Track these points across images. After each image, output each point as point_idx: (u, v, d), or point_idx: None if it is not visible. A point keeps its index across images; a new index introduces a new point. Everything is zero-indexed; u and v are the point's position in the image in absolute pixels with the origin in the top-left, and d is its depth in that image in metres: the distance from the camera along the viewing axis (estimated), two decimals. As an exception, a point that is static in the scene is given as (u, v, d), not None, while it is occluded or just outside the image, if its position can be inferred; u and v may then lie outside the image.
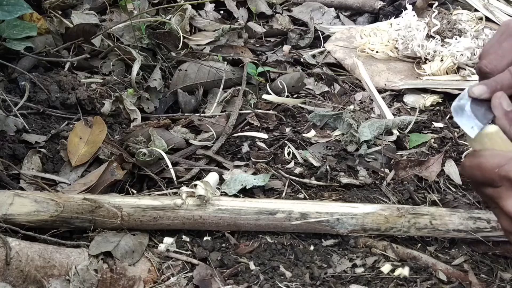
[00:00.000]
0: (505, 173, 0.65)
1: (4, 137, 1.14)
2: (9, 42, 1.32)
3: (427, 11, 1.92)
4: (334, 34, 1.88)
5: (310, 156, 1.21)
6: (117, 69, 1.50)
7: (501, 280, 0.92)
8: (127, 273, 0.89)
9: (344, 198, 1.09)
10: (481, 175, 0.68)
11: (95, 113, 1.30)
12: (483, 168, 0.67)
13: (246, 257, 0.95)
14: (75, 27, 1.49)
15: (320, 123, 1.35)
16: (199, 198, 0.96)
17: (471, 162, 0.69)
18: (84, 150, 1.13)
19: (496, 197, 0.67)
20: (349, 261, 0.95)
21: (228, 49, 1.71)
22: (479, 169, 0.68)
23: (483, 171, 0.67)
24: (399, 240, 0.99)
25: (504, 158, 0.66)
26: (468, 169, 0.70)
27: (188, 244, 0.97)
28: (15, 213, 0.92)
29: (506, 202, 0.66)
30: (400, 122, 1.33)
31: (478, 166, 0.68)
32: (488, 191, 0.68)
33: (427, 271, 0.92)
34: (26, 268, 0.85)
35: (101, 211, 0.94)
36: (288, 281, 0.90)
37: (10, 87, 1.31)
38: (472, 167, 0.69)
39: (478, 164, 0.68)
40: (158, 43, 1.54)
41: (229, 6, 1.98)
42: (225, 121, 1.31)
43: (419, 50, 1.62)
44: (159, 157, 1.15)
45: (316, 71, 1.65)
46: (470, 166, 0.69)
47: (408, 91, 1.53)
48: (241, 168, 1.17)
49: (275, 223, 0.97)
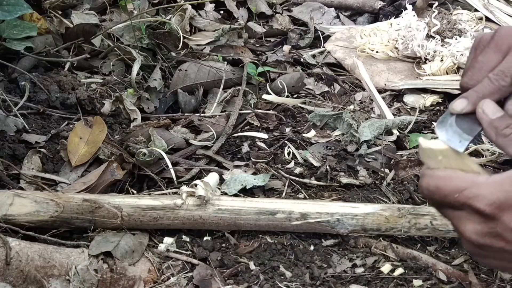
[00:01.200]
0: (465, 200, 0.61)
1: (4, 137, 1.14)
2: (9, 42, 1.32)
3: (427, 11, 1.92)
4: (334, 34, 1.88)
5: (310, 156, 1.21)
6: (117, 69, 1.50)
7: (501, 280, 0.92)
8: (127, 273, 0.89)
9: (344, 198, 1.09)
10: (440, 199, 0.64)
11: (95, 113, 1.30)
12: (441, 193, 0.63)
13: (246, 257, 0.95)
14: (75, 27, 1.49)
15: (320, 123, 1.35)
16: (199, 198, 0.96)
17: (428, 185, 0.65)
18: (84, 150, 1.13)
19: (456, 221, 0.64)
20: (349, 261, 0.95)
21: (228, 49, 1.71)
22: (437, 193, 0.64)
23: (441, 196, 0.63)
24: (399, 240, 0.99)
25: (464, 181, 0.62)
26: (426, 191, 0.65)
27: (188, 244, 0.97)
28: (15, 214, 0.92)
29: (466, 227, 0.63)
30: (400, 122, 1.33)
31: (436, 190, 0.64)
32: (448, 213, 0.65)
33: (427, 271, 0.92)
34: (26, 268, 0.85)
35: (101, 211, 0.94)
36: (288, 281, 0.90)
37: (10, 87, 1.31)
38: (430, 190, 0.65)
39: (437, 186, 0.64)
40: (158, 43, 1.54)
41: (229, 6, 1.98)
42: (225, 121, 1.31)
43: (419, 50, 1.62)
44: (159, 157, 1.15)
45: (316, 71, 1.65)
46: (428, 189, 0.65)
47: (408, 91, 1.53)
48: (241, 168, 1.17)
49: (275, 223, 0.97)
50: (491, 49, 0.72)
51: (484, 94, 0.69)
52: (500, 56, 0.71)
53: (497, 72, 0.69)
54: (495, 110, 0.67)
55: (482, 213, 0.61)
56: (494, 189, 0.61)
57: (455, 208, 0.64)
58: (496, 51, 0.71)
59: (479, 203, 0.60)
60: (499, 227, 0.61)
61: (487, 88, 0.69)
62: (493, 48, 0.72)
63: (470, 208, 0.62)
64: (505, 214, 0.60)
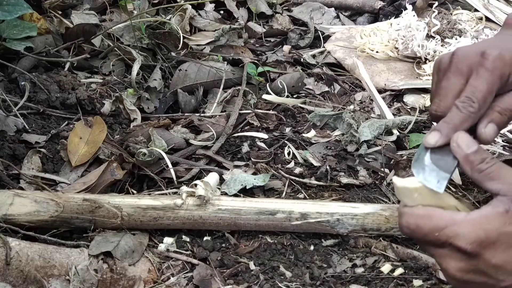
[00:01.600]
0: (446, 238, 0.62)
1: (4, 137, 1.14)
2: (9, 42, 1.32)
3: (427, 11, 1.92)
4: (334, 34, 1.88)
5: (310, 156, 1.21)
6: (117, 69, 1.50)
7: (501, 280, 0.91)
8: (127, 273, 0.89)
9: (344, 198, 1.09)
10: (421, 238, 0.64)
11: (95, 113, 1.30)
12: (422, 231, 0.64)
13: (246, 257, 0.95)
14: (75, 27, 1.49)
15: (320, 123, 1.35)
16: (199, 198, 0.96)
17: (408, 223, 0.65)
18: (84, 150, 1.13)
19: (439, 258, 0.65)
20: (349, 261, 0.95)
21: (228, 49, 1.71)
22: (418, 231, 0.64)
23: (421, 234, 0.64)
24: (399, 240, 0.99)
25: (443, 220, 0.63)
26: (407, 230, 0.66)
27: (188, 244, 0.97)
28: (15, 213, 0.92)
29: (449, 265, 0.63)
30: (400, 122, 1.33)
31: (417, 228, 0.64)
32: (430, 250, 0.66)
33: (427, 271, 0.92)
34: (26, 268, 0.85)
35: (101, 211, 0.94)
36: (288, 281, 0.90)
37: (10, 87, 1.31)
38: (410, 228, 0.65)
39: (416, 225, 0.64)
40: (158, 43, 1.54)
41: (229, 6, 1.98)
42: (225, 121, 1.31)
43: (419, 50, 1.62)
44: (159, 157, 1.15)
45: (316, 71, 1.65)
46: (408, 227, 0.65)
47: (408, 91, 1.53)
48: (241, 168, 1.17)
49: (275, 223, 0.97)
50: (452, 73, 0.71)
51: (456, 124, 0.68)
52: (462, 79, 0.70)
53: (463, 99, 0.68)
54: (470, 144, 0.66)
55: (464, 251, 0.61)
56: (474, 227, 0.61)
57: (437, 246, 0.64)
58: (457, 74, 0.71)
59: (460, 241, 0.61)
60: (480, 264, 0.61)
61: (457, 117, 0.68)
62: (454, 72, 0.71)
63: (452, 246, 0.62)
64: (486, 251, 0.61)
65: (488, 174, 0.64)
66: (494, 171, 0.64)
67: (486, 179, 0.64)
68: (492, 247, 0.61)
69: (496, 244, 0.60)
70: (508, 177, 0.63)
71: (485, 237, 0.61)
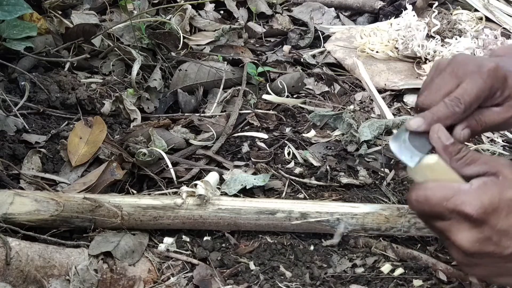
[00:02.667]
0: (454, 206, 0.64)
1: (4, 137, 1.14)
2: (9, 42, 1.32)
3: (427, 11, 1.92)
4: (334, 34, 1.88)
5: (310, 156, 1.21)
6: (117, 69, 1.50)
7: (501, 280, 0.91)
8: (127, 273, 0.89)
9: (344, 198, 1.09)
10: (429, 209, 0.67)
11: (95, 113, 1.30)
12: (430, 202, 0.66)
13: (246, 257, 0.95)
14: (75, 27, 1.49)
15: (320, 123, 1.35)
16: (199, 197, 0.96)
17: (417, 197, 0.68)
18: (84, 150, 1.13)
19: (447, 231, 0.66)
20: (349, 261, 0.95)
21: (228, 49, 1.71)
22: (426, 203, 0.66)
23: (430, 205, 0.66)
24: (399, 240, 0.99)
25: (451, 189, 0.65)
26: (415, 204, 0.68)
27: (188, 244, 0.97)
28: (15, 213, 0.92)
29: (457, 236, 0.65)
30: (400, 122, 1.33)
31: (425, 200, 0.67)
32: (438, 225, 0.67)
33: (427, 271, 0.92)
34: (26, 268, 0.85)
35: (101, 210, 0.94)
36: (288, 281, 0.90)
37: (10, 87, 1.31)
38: (419, 202, 0.67)
39: (425, 198, 0.67)
40: (158, 43, 1.54)
41: (229, 6, 1.98)
42: (225, 121, 1.31)
43: (419, 50, 1.62)
44: (159, 157, 1.15)
45: (316, 71, 1.65)
46: (416, 201, 0.68)
47: (408, 91, 1.53)
48: (241, 168, 1.17)
49: (275, 223, 0.97)
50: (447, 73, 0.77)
51: (439, 117, 0.73)
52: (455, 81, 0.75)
53: (452, 98, 0.74)
54: (448, 136, 0.72)
55: (471, 218, 0.64)
56: (478, 194, 0.64)
57: (444, 219, 0.66)
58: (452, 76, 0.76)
59: (466, 208, 0.64)
60: (487, 230, 0.64)
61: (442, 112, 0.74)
62: (450, 73, 0.76)
63: (459, 215, 0.64)
64: (491, 217, 0.64)
65: (465, 161, 0.69)
66: (470, 157, 0.69)
67: (464, 165, 0.69)
68: (495, 213, 0.63)
69: (499, 210, 0.63)
70: (482, 159, 0.69)
71: (489, 203, 0.64)
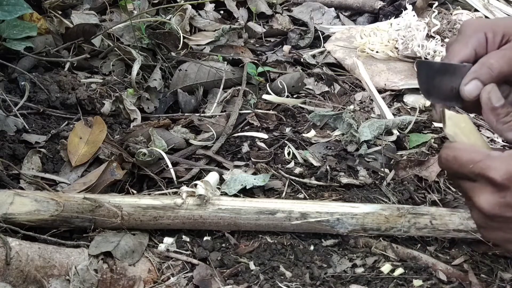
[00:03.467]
0: (480, 170, 0.67)
1: (4, 137, 1.14)
2: (9, 42, 1.32)
3: (427, 11, 1.92)
4: (334, 34, 1.88)
5: (310, 156, 1.21)
6: (117, 69, 1.50)
7: (501, 280, 0.92)
8: (127, 273, 0.89)
9: (344, 198, 1.09)
10: (456, 169, 0.70)
11: (95, 113, 1.30)
12: (459, 162, 0.69)
13: (246, 257, 0.95)
14: (75, 27, 1.49)
15: (320, 123, 1.35)
16: (199, 197, 0.96)
17: (447, 155, 0.71)
18: (84, 150, 1.13)
19: (470, 191, 0.69)
20: (349, 261, 0.95)
21: (228, 49, 1.71)
22: (455, 162, 0.70)
23: (458, 166, 0.69)
24: (399, 240, 0.99)
25: (480, 154, 0.68)
26: (445, 162, 0.71)
27: (188, 244, 0.97)
28: (15, 213, 0.92)
29: (479, 197, 0.67)
30: (400, 122, 1.33)
31: (454, 160, 0.70)
32: (463, 184, 0.70)
33: (427, 271, 0.92)
34: (26, 268, 0.85)
35: (101, 210, 0.94)
36: (288, 281, 0.90)
37: (10, 87, 1.31)
38: (448, 160, 0.70)
39: (454, 157, 0.70)
40: (158, 43, 1.54)
41: (229, 6, 1.98)
42: (225, 121, 1.31)
43: (419, 50, 1.62)
44: (159, 157, 1.15)
45: (316, 71, 1.65)
46: (446, 159, 0.71)
47: (408, 91, 1.53)
48: (241, 168, 1.17)
49: (275, 223, 0.97)
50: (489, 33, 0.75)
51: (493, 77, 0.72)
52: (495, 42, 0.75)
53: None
54: (499, 98, 0.72)
55: (495, 183, 0.66)
56: (506, 162, 0.66)
57: (469, 179, 0.69)
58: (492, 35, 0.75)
59: (491, 173, 0.66)
60: (509, 196, 0.66)
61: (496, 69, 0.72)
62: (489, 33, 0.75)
63: (484, 179, 0.67)
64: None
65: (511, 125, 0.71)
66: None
67: (509, 130, 0.71)
68: None
69: None
70: None
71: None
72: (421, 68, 0.76)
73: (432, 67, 0.75)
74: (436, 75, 0.74)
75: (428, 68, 0.75)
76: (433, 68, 0.74)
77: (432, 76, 0.75)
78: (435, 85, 0.75)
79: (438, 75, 0.74)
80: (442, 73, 0.74)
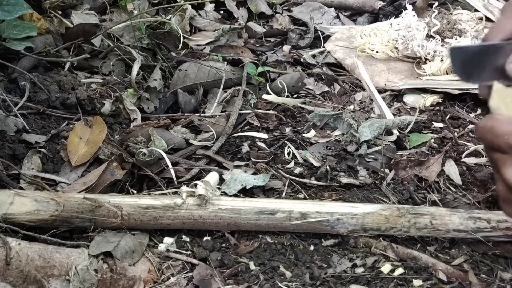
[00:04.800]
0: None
1: (4, 137, 1.14)
2: (9, 42, 1.32)
3: (427, 11, 1.92)
4: (334, 34, 1.88)
5: (310, 156, 1.21)
6: (117, 69, 1.50)
7: (501, 280, 0.92)
8: (127, 273, 0.89)
9: (344, 198, 1.09)
10: (491, 139, 0.69)
11: (95, 113, 1.30)
12: (494, 133, 0.69)
13: (246, 257, 0.95)
14: (75, 27, 1.50)
15: (320, 123, 1.35)
16: (199, 197, 0.96)
17: (484, 125, 0.70)
18: (84, 150, 1.13)
19: (500, 163, 0.69)
20: (349, 261, 0.95)
21: (228, 49, 1.71)
22: (491, 132, 0.69)
23: (493, 135, 0.69)
24: (399, 240, 0.99)
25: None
26: (481, 130, 0.71)
27: (188, 244, 0.97)
28: (15, 213, 0.92)
29: (507, 170, 0.68)
30: (400, 122, 1.33)
31: (490, 129, 0.69)
32: (495, 156, 0.70)
33: (427, 271, 0.92)
34: (26, 268, 0.85)
35: (101, 210, 0.94)
36: (288, 281, 0.90)
37: (10, 87, 1.31)
38: (484, 129, 0.70)
39: (491, 127, 0.69)
40: (158, 43, 1.54)
41: (229, 6, 1.98)
42: (225, 121, 1.31)
43: (419, 50, 1.62)
44: (159, 157, 1.15)
45: (316, 71, 1.65)
46: (483, 128, 0.70)
47: (408, 91, 1.53)
48: (241, 168, 1.17)
49: (275, 223, 0.97)
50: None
51: None
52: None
53: None
54: None
55: None
56: None
57: (502, 151, 0.69)
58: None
59: None
60: None
61: None
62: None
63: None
64: None
65: None
66: None
67: None
68: None
69: None
70: None
71: None
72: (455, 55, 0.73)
73: (468, 51, 0.73)
74: (474, 58, 0.72)
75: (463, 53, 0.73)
76: (470, 52, 0.72)
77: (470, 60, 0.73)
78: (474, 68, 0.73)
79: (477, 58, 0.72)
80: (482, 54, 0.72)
